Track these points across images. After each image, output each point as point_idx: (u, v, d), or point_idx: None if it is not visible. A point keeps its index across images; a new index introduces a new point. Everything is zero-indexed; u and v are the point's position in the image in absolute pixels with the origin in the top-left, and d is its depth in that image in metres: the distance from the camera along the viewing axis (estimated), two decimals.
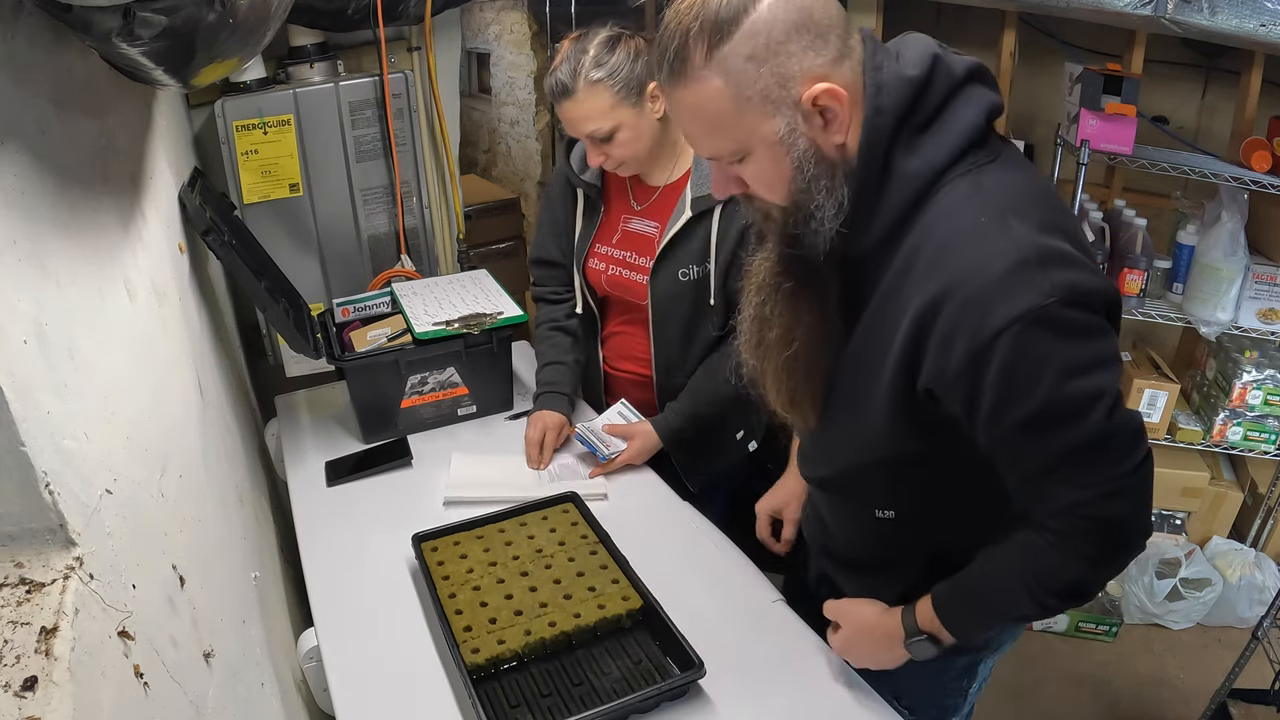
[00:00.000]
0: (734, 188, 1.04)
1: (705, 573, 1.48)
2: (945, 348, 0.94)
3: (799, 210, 0.99)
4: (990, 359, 0.91)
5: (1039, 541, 1.00)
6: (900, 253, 0.99)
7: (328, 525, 1.62)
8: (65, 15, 0.74)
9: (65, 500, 0.70)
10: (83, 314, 0.85)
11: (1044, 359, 0.90)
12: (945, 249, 0.94)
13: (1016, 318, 0.89)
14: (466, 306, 1.92)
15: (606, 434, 1.76)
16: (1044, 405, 0.91)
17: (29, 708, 0.59)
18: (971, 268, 0.91)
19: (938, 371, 0.96)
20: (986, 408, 0.94)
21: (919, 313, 0.95)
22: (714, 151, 1.00)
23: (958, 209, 0.96)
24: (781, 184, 0.99)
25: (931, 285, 0.94)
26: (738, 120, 0.95)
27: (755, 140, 0.96)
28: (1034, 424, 0.93)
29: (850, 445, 1.16)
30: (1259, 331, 2.50)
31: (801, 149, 0.95)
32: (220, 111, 2.02)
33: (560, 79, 1.57)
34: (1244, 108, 2.45)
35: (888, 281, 1.01)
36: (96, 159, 1.04)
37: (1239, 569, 2.69)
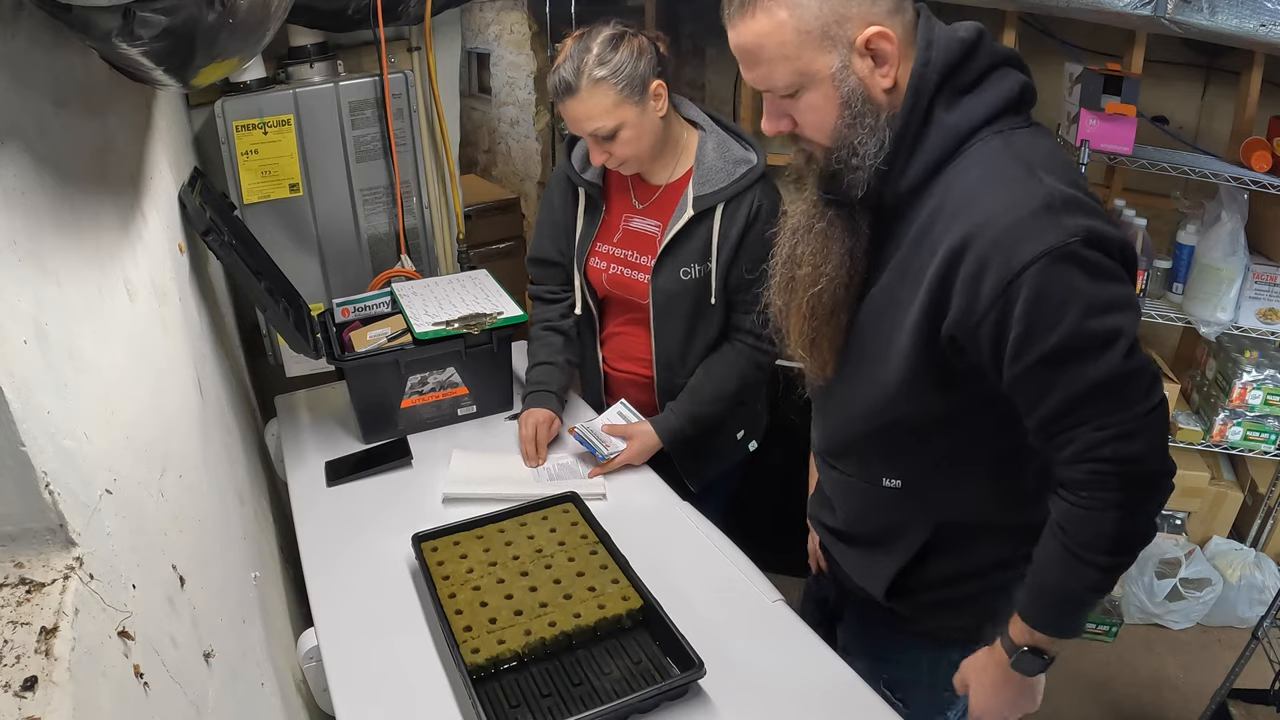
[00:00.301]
0: (784, 125, 1.10)
1: (705, 573, 1.48)
2: (974, 284, 0.99)
3: (841, 148, 1.06)
4: (1018, 293, 0.96)
5: (1066, 508, 1.05)
6: (930, 200, 1.06)
7: (328, 525, 1.62)
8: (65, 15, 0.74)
9: (65, 500, 0.70)
10: (83, 314, 0.85)
11: (1068, 294, 0.96)
12: (975, 194, 1.01)
13: (1043, 253, 0.95)
14: (466, 306, 1.92)
15: (606, 434, 1.76)
16: (1067, 339, 0.97)
17: (29, 708, 0.59)
18: (1000, 209, 0.98)
19: (965, 310, 1.01)
20: (1012, 342, 0.99)
21: (948, 253, 1.01)
22: (771, 83, 1.06)
23: (989, 159, 1.03)
24: (829, 120, 1.05)
25: (961, 226, 1.00)
26: (797, 52, 1.02)
27: (810, 74, 1.03)
28: (1057, 358, 0.98)
29: (866, 402, 1.19)
30: (1259, 331, 2.50)
31: (851, 86, 1.03)
32: (220, 111, 2.02)
33: (564, 77, 1.57)
34: (1244, 108, 2.45)
35: (917, 227, 1.07)
36: (96, 159, 1.04)
37: (1239, 569, 2.69)
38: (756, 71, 1.07)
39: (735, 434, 1.90)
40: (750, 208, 1.66)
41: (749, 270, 1.68)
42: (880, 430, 1.20)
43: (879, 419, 1.19)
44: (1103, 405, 0.99)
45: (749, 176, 1.66)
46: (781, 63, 1.03)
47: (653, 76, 1.60)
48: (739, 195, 1.66)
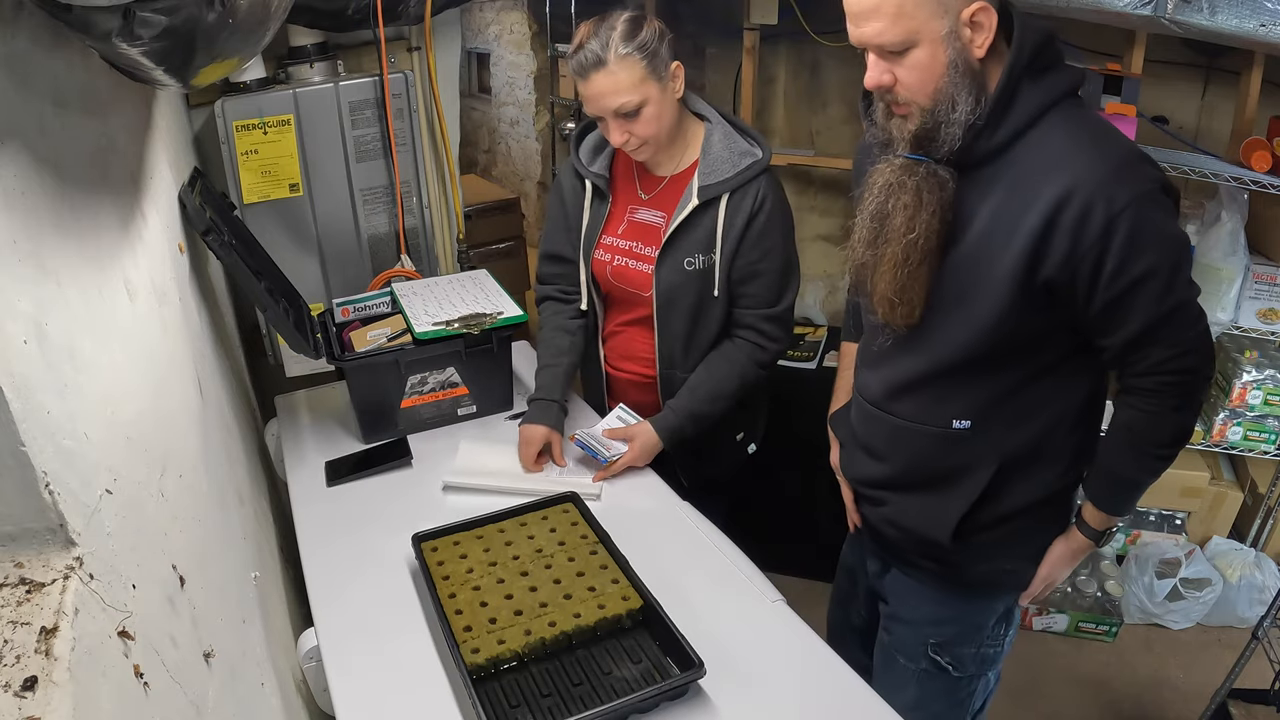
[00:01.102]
0: (886, 79, 1.20)
1: (705, 573, 1.48)
2: (1079, 227, 1.16)
3: (941, 104, 1.18)
4: (1118, 228, 1.15)
5: (1135, 415, 1.28)
6: (1019, 159, 1.21)
7: (328, 525, 1.62)
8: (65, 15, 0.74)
9: (65, 500, 0.70)
10: (83, 314, 0.85)
11: (1157, 230, 1.17)
12: (1068, 153, 1.18)
13: (1135, 198, 1.15)
14: (466, 306, 1.92)
15: (607, 439, 1.76)
16: (1156, 266, 1.17)
17: (29, 708, 0.59)
18: (1094, 164, 1.16)
19: (1069, 250, 1.17)
20: (1110, 272, 1.17)
21: (1052, 202, 1.17)
22: (883, 39, 1.17)
23: (1072, 126, 1.20)
24: (933, 79, 1.18)
25: (1061, 179, 1.16)
26: (914, 12, 1.14)
27: (925, 33, 1.15)
28: (1148, 278, 1.17)
29: (955, 340, 1.30)
30: (1259, 331, 2.50)
31: (956, 49, 1.17)
32: (220, 111, 2.02)
33: (593, 50, 1.58)
34: (1244, 108, 2.45)
35: (1009, 182, 1.21)
36: (96, 159, 1.04)
37: (1239, 569, 2.69)
38: (870, 26, 1.17)
39: (735, 436, 1.90)
40: (755, 199, 1.68)
41: (757, 260, 1.69)
42: (963, 366, 1.31)
43: (965, 355, 1.30)
44: (1173, 326, 1.21)
45: (754, 168, 1.68)
46: (899, 20, 1.15)
47: (671, 58, 1.63)
48: (743, 186, 1.68)
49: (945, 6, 1.15)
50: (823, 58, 3.22)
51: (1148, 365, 1.24)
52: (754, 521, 1.95)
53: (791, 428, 2.20)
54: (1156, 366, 1.24)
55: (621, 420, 1.79)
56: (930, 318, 1.31)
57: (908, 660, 1.51)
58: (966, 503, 1.37)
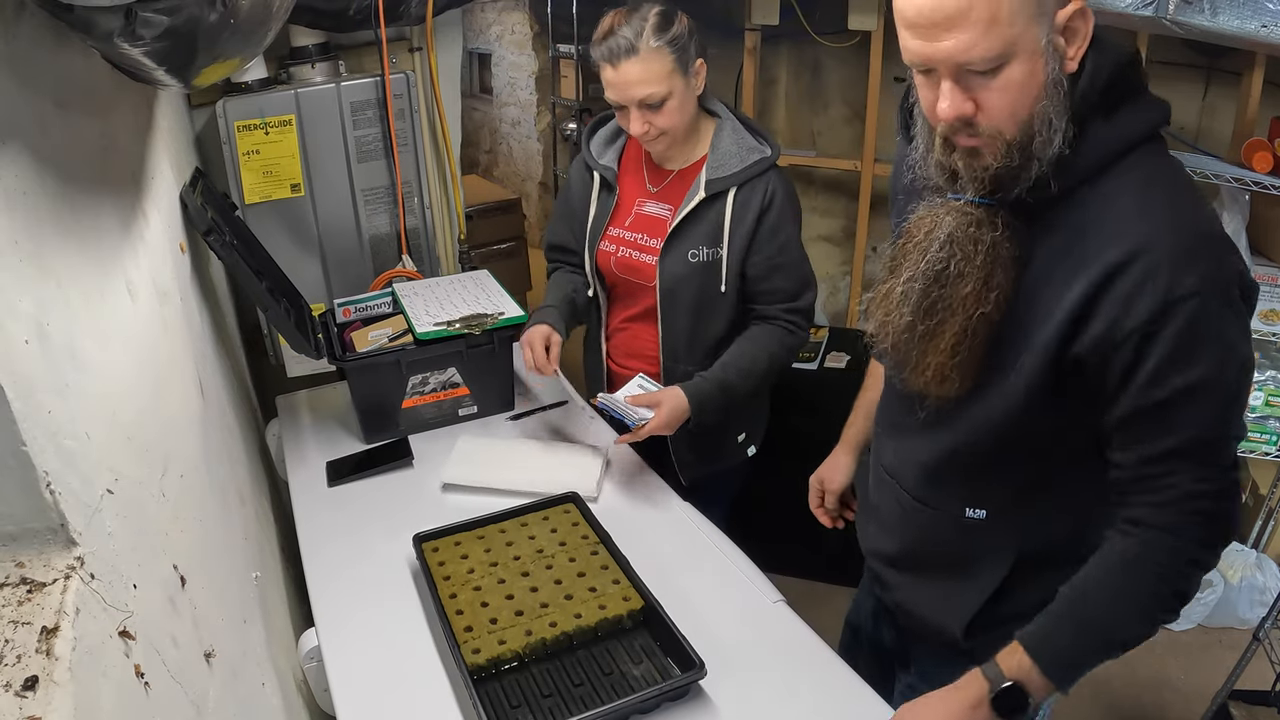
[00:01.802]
0: (968, 108, 0.96)
1: (706, 573, 1.48)
2: (1126, 303, 0.94)
3: (1031, 137, 0.95)
4: (1172, 318, 0.92)
5: (1140, 552, 1.01)
6: (1080, 212, 0.99)
7: (328, 525, 1.62)
8: (67, 15, 0.74)
9: (66, 500, 0.70)
10: (84, 314, 0.85)
11: (1218, 334, 0.94)
12: (1138, 214, 0.95)
13: (1207, 287, 0.92)
14: (468, 307, 1.92)
15: (630, 405, 1.69)
16: (1207, 377, 0.94)
17: (30, 707, 0.59)
18: (1167, 232, 0.94)
19: (1110, 325, 0.96)
20: (1151, 367, 0.95)
21: (1106, 268, 0.95)
22: (972, 54, 0.91)
23: (1149, 181, 0.97)
24: (1027, 103, 0.94)
25: (1123, 244, 0.94)
26: (1013, 17, 0.89)
27: (1022, 44, 0.91)
28: (1190, 393, 0.95)
29: (981, 419, 1.10)
30: (1260, 333, 2.49)
31: (1055, 64, 0.93)
32: (222, 112, 2.02)
33: (626, 37, 1.59)
34: (1245, 108, 2.45)
35: (1064, 237, 1.00)
36: (98, 159, 1.04)
37: (1240, 570, 2.68)
38: (954, 38, 0.90)
39: (736, 437, 1.90)
40: (765, 194, 1.69)
41: (774, 254, 1.70)
42: (984, 451, 1.12)
43: (993, 438, 1.10)
44: (1208, 458, 0.98)
45: (761, 164, 1.69)
46: (993, 28, 0.89)
47: (697, 55, 1.65)
48: (752, 181, 1.69)
49: (1042, 8, 0.90)
50: (824, 58, 3.22)
51: (1171, 498, 0.99)
52: (754, 521, 1.95)
53: (792, 428, 2.20)
54: (1183, 502, 0.99)
55: (642, 388, 1.75)
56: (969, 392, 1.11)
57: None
58: (981, 597, 1.20)
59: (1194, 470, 0.98)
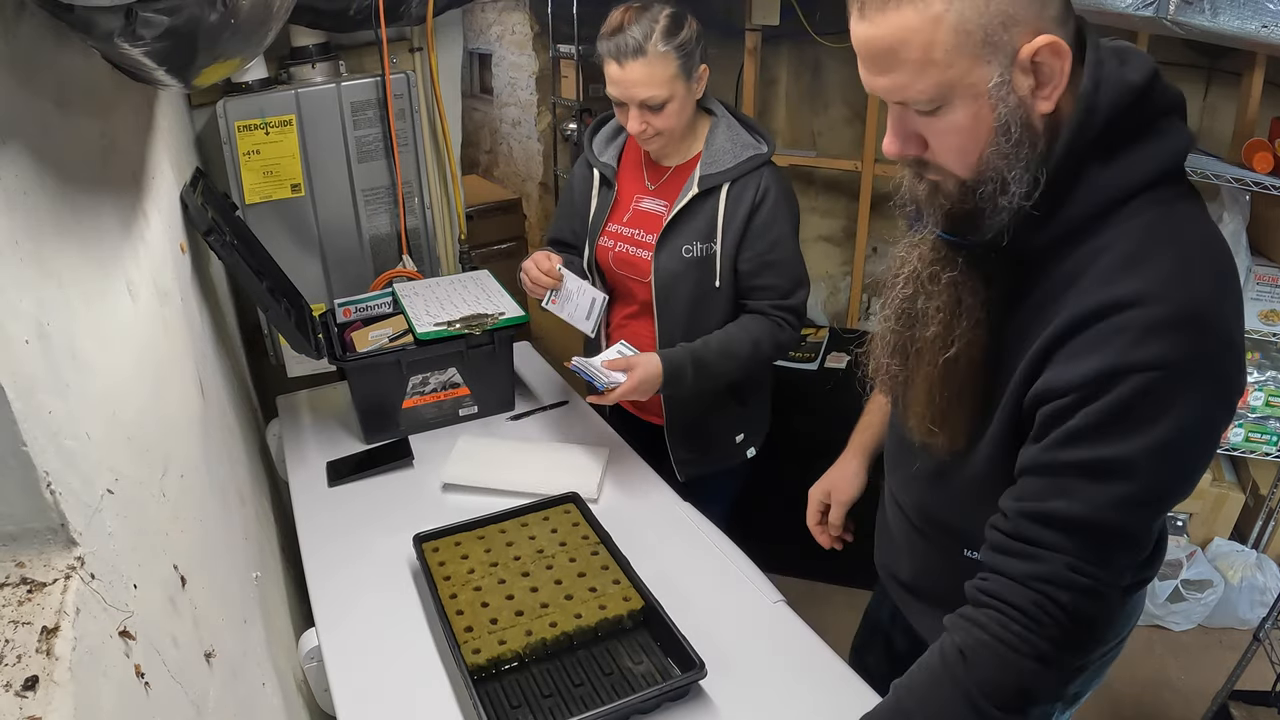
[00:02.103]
0: (911, 147, 0.90)
1: (706, 573, 1.48)
2: (1077, 357, 0.86)
3: (986, 182, 0.87)
4: (1116, 386, 0.83)
5: (979, 637, 0.91)
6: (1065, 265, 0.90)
7: (329, 525, 1.62)
8: (67, 15, 0.74)
9: (66, 500, 0.70)
10: (84, 314, 0.85)
11: (1164, 418, 0.83)
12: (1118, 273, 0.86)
13: (1168, 364, 0.82)
14: (468, 307, 1.92)
15: (606, 368, 1.71)
16: (1130, 459, 0.84)
17: (30, 707, 0.59)
18: (1137, 297, 0.83)
19: (1053, 378, 0.88)
20: (1076, 426, 0.86)
21: (1068, 321, 0.87)
22: (908, 94, 0.86)
23: (1142, 237, 0.86)
24: (975, 147, 0.87)
25: (1090, 300, 0.86)
26: (949, 58, 0.82)
27: (962, 86, 0.84)
28: (1105, 469, 0.85)
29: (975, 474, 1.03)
30: (1260, 333, 2.49)
31: (1010, 107, 0.84)
32: (222, 112, 2.02)
33: (635, 37, 1.59)
34: (1245, 109, 2.45)
35: (1043, 292, 0.91)
36: (98, 159, 1.04)
37: (1240, 570, 2.68)
38: (889, 79, 0.86)
39: (734, 437, 1.90)
40: (757, 190, 1.70)
41: (766, 251, 1.72)
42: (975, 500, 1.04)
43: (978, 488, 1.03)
44: (1096, 552, 0.87)
45: (755, 160, 1.71)
46: (928, 69, 0.83)
47: (701, 60, 1.66)
48: (744, 177, 1.71)
49: (994, 46, 0.82)
50: (824, 58, 3.22)
51: (1036, 573, 0.89)
52: (754, 522, 1.95)
53: (792, 428, 2.20)
54: (1045, 583, 0.88)
55: (621, 353, 1.78)
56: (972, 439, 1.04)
57: None
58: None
59: (1074, 554, 0.87)
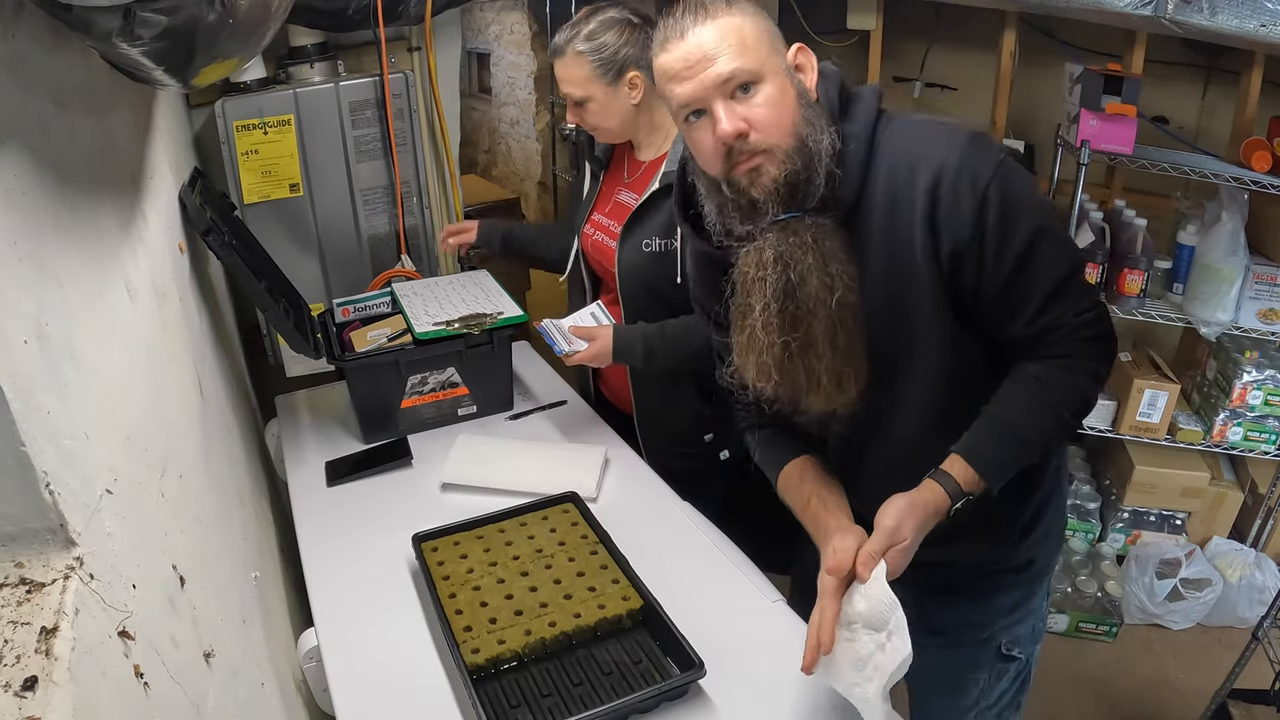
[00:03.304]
0: (740, 124, 1.11)
1: (705, 573, 1.48)
2: (954, 211, 1.11)
3: (804, 142, 1.12)
4: (988, 205, 1.11)
5: (1049, 365, 1.17)
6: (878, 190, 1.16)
7: (328, 525, 1.62)
8: (66, 15, 0.74)
9: (65, 500, 0.70)
10: (83, 314, 0.85)
11: (1024, 196, 1.14)
12: (918, 151, 1.14)
13: (995, 167, 1.11)
14: (467, 306, 1.92)
15: (570, 333, 1.78)
16: (1035, 231, 1.12)
17: (29, 708, 0.59)
18: (946, 150, 1.13)
19: (955, 236, 1.12)
20: (994, 248, 1.12)
21: (924, 201, 1.12)
22: (739, 66, 1.10)
23: (905, 131, 1.17)
24: (788, 112, 1.12)
25: (924, 176, 1.12)
26: (757, 44, 1.11)
27: (768, 67, 1.11)
28: (1033, 250, 1.12)
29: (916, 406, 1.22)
30: (1259, 332, 2.50)
31: (799, 85, 1.15)
32: (220, 111, 2.02)
33: (557, 40, 1.72)
34: (1244, 108, 2.45)
35: (880, 213, 1.16)
36: (97, 159, 1.04)
37: (1239, 569, 2.69)
38: (716, 65, 1.10)
39: (703, 436, 1.90)
40: None
41: None
42: (932, 430, 1.21)
43: (933, 415, 1.21)
44: (1074, 292, 1.15)
45: None
46: (744, 52, 1.10)
47: (632, 66, 1.71)
48: None
49: (775, 45, 1.14)
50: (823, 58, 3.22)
51: (1063, 335, 1.16)
52: (752, 522, 1.95)
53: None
54: (1073, 333, 1.15)
55: (594, 318, 1.83)
56: (875, 396, 1.20)
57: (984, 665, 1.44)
58: (1018, 509, 1.32)
59: (1070, 308, 1.15)
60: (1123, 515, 2.88)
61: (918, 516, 1.12)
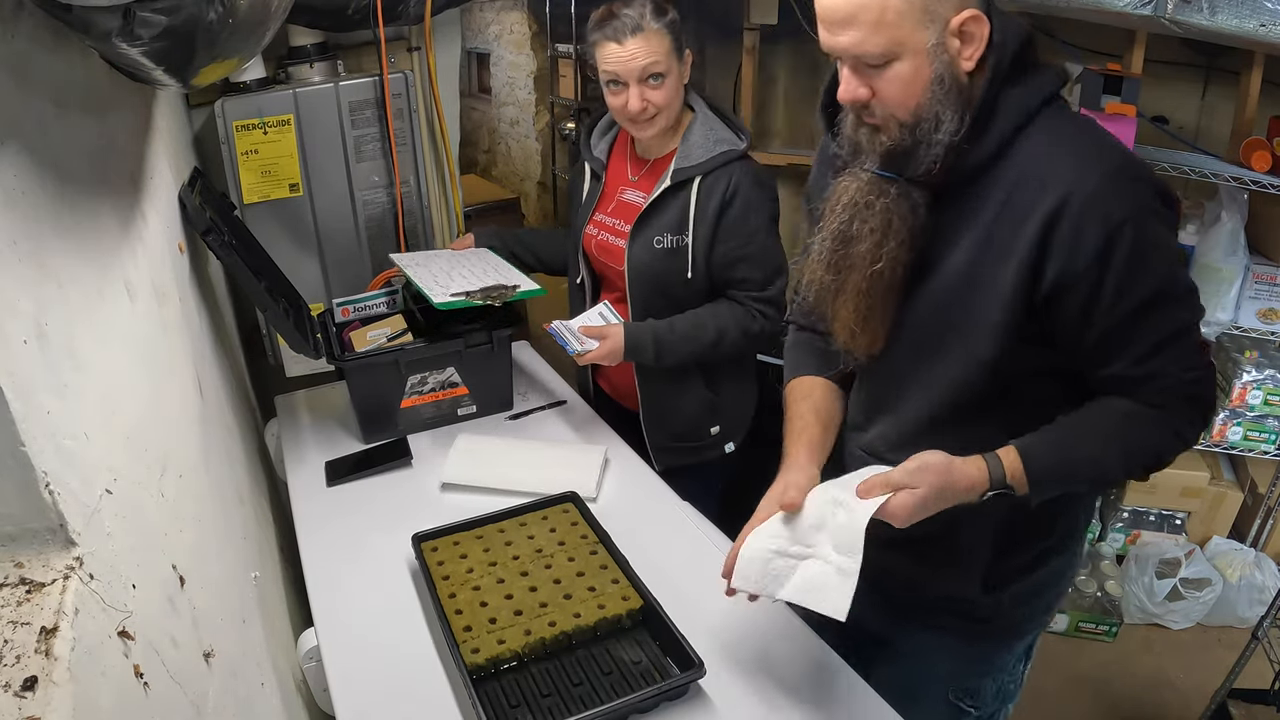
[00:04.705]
0: (862, 93, 1.09)
1: (705, 573, 1.48)
2: (1075, 241, 1.05)
3: (924, 121, 1.07)
4: (1118, 244, 1.04)
5: (1145, 412, 1.12)
6: (1006, 174, 1.10)
7: (328, 525, 1.62)
8: (65, 15, 0.74)
9: (65, 500, 0.70)
10: (83, 314, 0.85)
11: (1160, 245, 1.07)
12: (1058, 162, 1.07)
13: (1137, 209, 1.05)
14: (479, 279, 1.87)
15: (581, 333, 1.79)
16: (1163, 284, 1.08)
17: (29, 708, 0.59)
18: (1088, 172, 1.05)
19: (1066, 266, 1.06)
20: (1113, 288, 1.06)
21: (1045, 218, 1.06)
22: (863, 49, 1.06)
23: (1060, 131, 1.10)
24: (915, 94, 1.07)
25: (1053, 192, 1.06)
26: (898, 20, 1.03)
27: (909, 45, 1.04)
28: (1156, 301, 1.08)
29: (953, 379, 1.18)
30: (1259, 331, 2.50)
31: (943, 63, 1.06)
32: (220, 111, 2.02)
33: (631, 16, 1.68)
34: (1244, 107, 2.45)
35: (997, 202, 1.10)
36: (97, 159, 1.04)
37: (1239, 569, 2.69)
38: (847, 36, 1.05)
39: (709, 428, 1.91)
40: (728, 186, 1.74)
41: (740, 245, 1.76)
42: (965, 408, 1.19)
43: (967, 394, 1.18)
44: (1186, 347, 1.11)
45: (726, 155, 1.76)
46: (880, 29, 1.03)
47: (685, 46, 1.74)
48: (716, 171, 1.75)
49: (931, 15, 1.03)
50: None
51: (1162, 386, 1.11)
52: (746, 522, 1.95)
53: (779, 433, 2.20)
54: (1174, 388, 1.11)
55: (603, 317, 1.83)
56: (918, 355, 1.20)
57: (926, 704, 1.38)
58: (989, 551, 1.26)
59: (1178, 361, 1.10)
60: (1122, 515, 2.88)
61: (945, 477, 1.10)
